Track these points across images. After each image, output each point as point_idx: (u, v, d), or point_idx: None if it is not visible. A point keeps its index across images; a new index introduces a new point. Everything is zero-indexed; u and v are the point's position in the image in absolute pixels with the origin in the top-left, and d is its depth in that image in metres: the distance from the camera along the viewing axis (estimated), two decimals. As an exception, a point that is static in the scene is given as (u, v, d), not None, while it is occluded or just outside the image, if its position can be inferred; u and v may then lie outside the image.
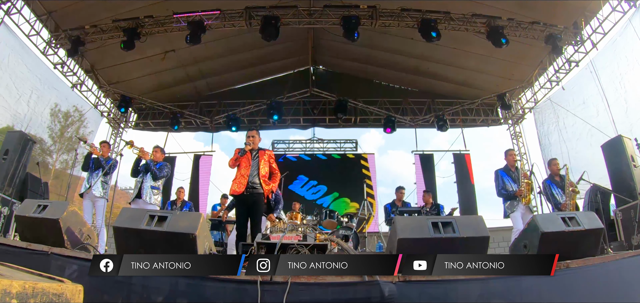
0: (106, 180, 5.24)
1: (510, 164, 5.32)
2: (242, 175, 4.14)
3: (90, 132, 9.64)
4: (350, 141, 11.61)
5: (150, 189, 5.17)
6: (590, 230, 2.92)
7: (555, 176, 5.31)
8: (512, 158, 5.34)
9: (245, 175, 4.14)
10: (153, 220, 2.74)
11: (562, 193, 5.12)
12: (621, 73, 6.89)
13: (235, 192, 4.15)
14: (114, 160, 5.37)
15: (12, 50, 7.00)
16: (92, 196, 5.15)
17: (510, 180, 5.18)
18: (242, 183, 4.10)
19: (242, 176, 4.14)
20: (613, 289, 2.66)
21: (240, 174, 4.16)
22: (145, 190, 5.14)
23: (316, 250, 3.05)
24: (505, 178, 5.21)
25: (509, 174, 5.23)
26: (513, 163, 5.31)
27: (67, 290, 1.27)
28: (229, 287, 2.39)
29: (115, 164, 5.34)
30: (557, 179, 5.28)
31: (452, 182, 10.42)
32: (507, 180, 5.19)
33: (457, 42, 8.44)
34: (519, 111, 10.53)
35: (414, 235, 2.62)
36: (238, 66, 10.29)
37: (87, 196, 5.17)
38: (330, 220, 6.90)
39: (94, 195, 5.14)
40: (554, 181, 5.26)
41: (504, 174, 5.25)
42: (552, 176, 5.33)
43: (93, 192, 5.13)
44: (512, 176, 5.21)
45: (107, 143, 5.93)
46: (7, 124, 6.94)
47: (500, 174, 5.26)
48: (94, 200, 5.16)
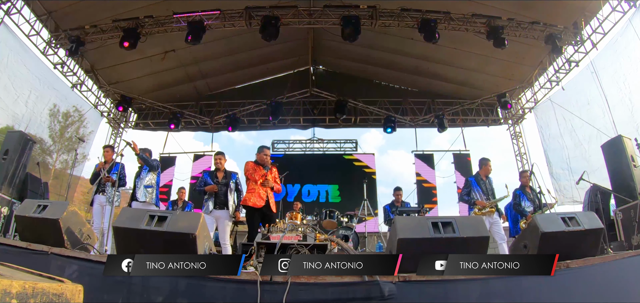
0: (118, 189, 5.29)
1: (525, 183, 5.44)
2: (263, 191, 4.64)
3: (90, 132, 9.65)
4: (350, 141, 11.61)
5: (144, 188, 5.23)
6: (590, 230, 2.92)
7: (526, 187, 5.41)
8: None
9: (265, 191, 4.64)
10: (153, 220, 2.73)
11: (531, 205, 5.26)
12: (624, 73, 6.88)
13: (255, 205, 4.53)
14: (121, 165, 5.38)
15: (11, 50, 7.00)
16: (100, 201, 5.29)
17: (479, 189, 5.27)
18: (263, 197, 4.58)
19: (263, 191, 4.62)
20: (613, 289, 2.66)
21: (261, 190, 4.63)
22: (140, 190, 5.20)
23: (316, 250, 3.06)
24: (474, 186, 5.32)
25: (478, 184, 5.32)
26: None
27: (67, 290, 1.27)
28: (229, 287, 2.39)
29: (123, 174, 5.38)
30: (528, 190, 5.38)
31: (452, 182, 10.44)
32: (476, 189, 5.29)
33: (457, 42, 8.44)
34: (519, 111, 10.54)
35: (414, 235, 2.62)
36: (238, 66, 10.30)
37: (96, 200, 5.32)
38: (330, 220, 6.89)
39: (101, 199, 5.27)
40: (525, 193, 5.36)
41: (474, 182, 5.34)
42: (523, 187, 5.43)
43: (99, 197, 5.28)
44: (481, 186, 5.29)
45: (110, 146, 5.87)
46: (7, 125, 6.94)
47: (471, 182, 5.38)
48: (101, 204, 5.28)
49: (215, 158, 5.09)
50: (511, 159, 10.71)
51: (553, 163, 9.23)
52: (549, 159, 9.40)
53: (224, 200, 4.82)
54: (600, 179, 5.82)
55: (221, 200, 4.82)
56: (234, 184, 4.97)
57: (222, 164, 5.01)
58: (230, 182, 4.92)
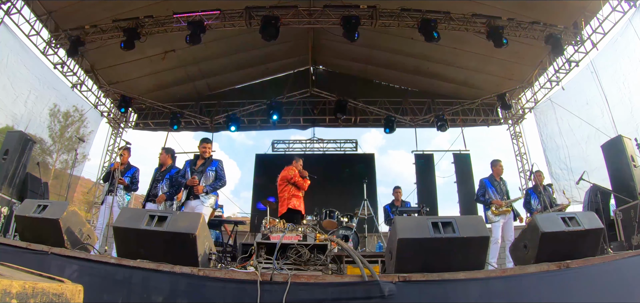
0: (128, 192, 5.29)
1: (538, 183, 5.49)
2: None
3: (91, 132, 9.65)
4: (350, 141, 11.61)
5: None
6: (590, 230, 2.92)
7: (538, 187, 5.48)
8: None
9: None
10: (153, 220, 2.74)
11: (539, 205, 5.35)
12: (624, 73, 6.88)
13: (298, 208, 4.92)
14: (136, 169, 5.38)
15: (11, 50, 7.00)
16: (108, 201, 5.21)
17: (493, 190, 5.33)
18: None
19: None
20: (613, 289, 2.65)
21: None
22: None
23: (316, 250, 3.05)
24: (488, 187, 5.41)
25: (492, 185, 5.40)
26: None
27: (67, 290, 1.27)
28: (229, 287, 2.39)
29: (136, 178, 5.35)
30: (541, 190, 5.44)
31: (452, 182, 10.44)
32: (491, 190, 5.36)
33: (457, 42, 8.44)
34: (519, 111, 10.53)
35: (414, 235, 2.62)
36: (238, 66, 10.30)
37: (104, 201, 5.27)
38: (330, 220, 6.88)
39: (109, 201, 5.19)
40: (536, 192, 5.45)
41: (488, 183, 5.43)
42: (535, 186, 5.49)
43: (107, 198, 5.21)
44: (496, 187, 5.36)
45: (128, 148, 5.60)
46: (7, 125, 6.93)
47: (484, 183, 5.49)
48: (109, 204, 5.20)
49: (200, 146, 4.78)
50: (511, 159, 10.72)
51: (552, 163, 9.24)
52: (548, 159, 9.41)
53: (195, 189, 4.52)
54: (599, 179, 5.83)
55: (193, 189, 4.52)
56: (213, 172, 4.65)
57: (207, 152, 4.73)
58: (207, 169, 4.62)
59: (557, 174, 8.98)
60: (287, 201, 5.46)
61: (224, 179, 4.69)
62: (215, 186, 4.64)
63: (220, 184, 4.69)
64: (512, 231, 5.13)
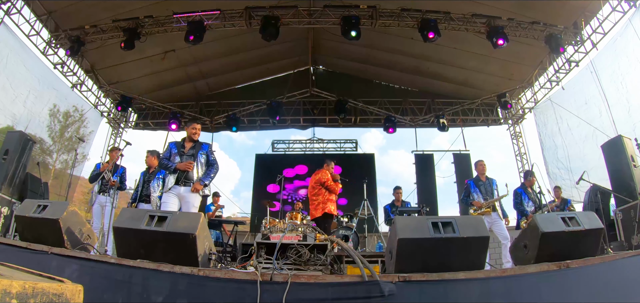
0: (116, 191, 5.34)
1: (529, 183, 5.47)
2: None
3: (91, 132, 9.65)
4: (350, 141, 11.61)
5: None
6: (590, 230, 2.91)
7: (528, 188, 5.45)
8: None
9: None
10: (153, 220, 2.73)
11: (532, 205, 5.30)
12: (622, 73, 6.89)
13: (332, 212, 5.00)
14: (123, 169, 5.50)
15: (11, 50, 7.00)
16: (100, 201, 5.37)
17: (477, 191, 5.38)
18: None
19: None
20: (613, 289, 2.65)
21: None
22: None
23: (316, 250, 3.06)
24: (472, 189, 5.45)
25: (477, 186, 5.43)
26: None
27: (67, 290, 1.26)
28: (229, 287, 2.38)
29: (124, 177, 5.49)
30: (530, 190, 5.41)
31: (452, 182, 10.44)
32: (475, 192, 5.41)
33: (457, 42, 8.44)
34: (519, 111, 10.53)
35: (414, 235, 2.62)
36: (238, 66, 10.30)
37: (96, 201, 5.40)
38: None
39: (102, 200, 5.35)
40: (526, 192, 5.40)
41: (472, 184, 5.47)
42: (526, 187, 5.46)
43: (100, 198, 5.37)
44: (480, 188, 5.39)
45: (116, 148, 5.74)
46: (7, 125, 6.93)
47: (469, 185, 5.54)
48: (102, 204, 5.35)
49: (190, 128, 4.34)
50: (511, 159, 10.73)
51: (550, 163, 9.24)
52: (546, 159, 9.42)
53: (188, 174, 4.09)
54: (597, 178, 5.83)
55: (185, 174, 4.08)
56: (204, 157, 4.24)
57: (197, 134, 4.33)
58: (199, 153, 4.21)
59: (555, 174, 8.99)
60: (322, 206, 5.39)
61: (217, 164, 4.30)
62: (211, 175, 4.23)
63: (214, 171, 4.27)
64: (505, 230, 5.12)
